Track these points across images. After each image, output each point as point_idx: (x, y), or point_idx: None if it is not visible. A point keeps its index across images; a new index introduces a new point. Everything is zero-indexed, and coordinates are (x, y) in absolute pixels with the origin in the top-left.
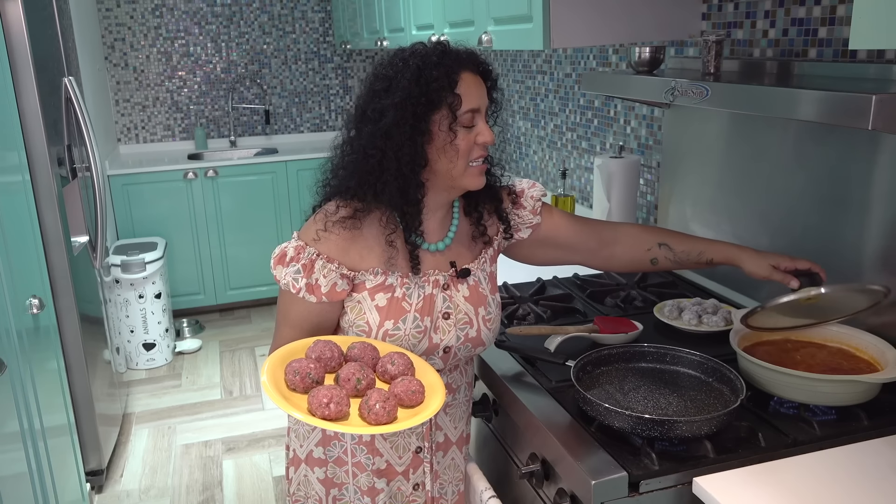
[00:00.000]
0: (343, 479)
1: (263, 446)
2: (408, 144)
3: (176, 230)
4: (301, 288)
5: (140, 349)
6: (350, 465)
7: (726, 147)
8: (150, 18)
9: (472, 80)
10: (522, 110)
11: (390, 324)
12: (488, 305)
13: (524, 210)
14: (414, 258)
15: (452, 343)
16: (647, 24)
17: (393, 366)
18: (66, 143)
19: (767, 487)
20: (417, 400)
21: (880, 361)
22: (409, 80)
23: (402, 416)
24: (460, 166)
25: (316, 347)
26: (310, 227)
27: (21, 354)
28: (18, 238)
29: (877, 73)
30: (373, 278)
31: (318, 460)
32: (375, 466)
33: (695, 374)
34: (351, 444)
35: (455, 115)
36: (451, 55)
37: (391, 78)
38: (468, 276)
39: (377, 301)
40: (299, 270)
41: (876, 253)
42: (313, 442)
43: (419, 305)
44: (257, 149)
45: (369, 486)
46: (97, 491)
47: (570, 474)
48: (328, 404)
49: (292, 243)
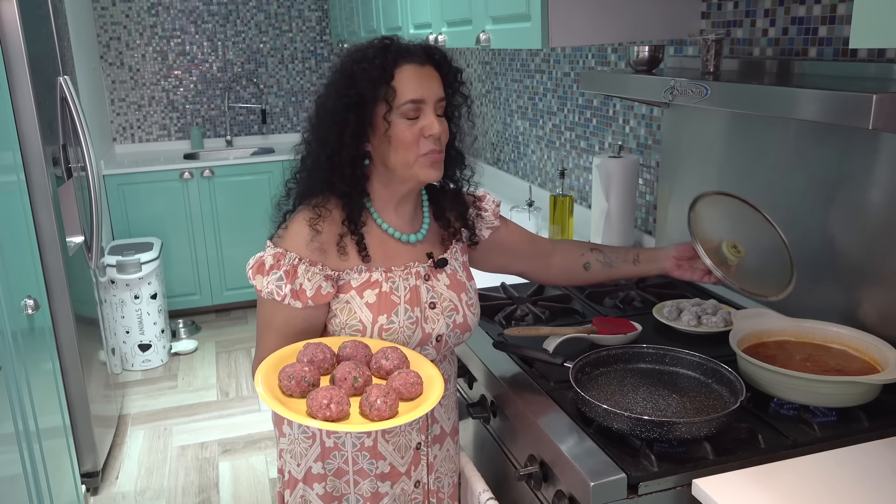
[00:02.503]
0: (343, 490)
1: (260, 448)
2: (341, 137)
3: (172, 230)
4: (286, 294)
5: (136, 350)
6: (351, 475)
7: (726, 147)
8: (145, 17)
9: (415, 72)
10: (521, 109)
11: (384, 318)
12: (468, 291)
13: (486, 213)
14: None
15: (443, 331)
16: (647, 22)
17: (387, 361)
18: (62, 143)
19: (767, 489)
20: (417, 392)
21: (880, 362)
22: (343, 77)
23: (402, 410)
24: (409, 158)
25: (307, 351)
26: (286, 232)
27: (16, 355)
28: (13, 238)
29: (877, 72)
30: (357, 276)
31: (317, 476)
32: (379, 471)
33: (694, 375)
34: (352, 451)
35: (390, 107)
36: (392, 49)
37: (331, 77)
38: (445, 266)
39: (366, 298)
40: (282, 277)
41: (876, 253)
42: (311, 458)
43: (407, 297)
44: (254, 148)
45: (373, 492)
46: (92, 493)
47: (569, 476)
48: (328, 405)
49: (269, 251)
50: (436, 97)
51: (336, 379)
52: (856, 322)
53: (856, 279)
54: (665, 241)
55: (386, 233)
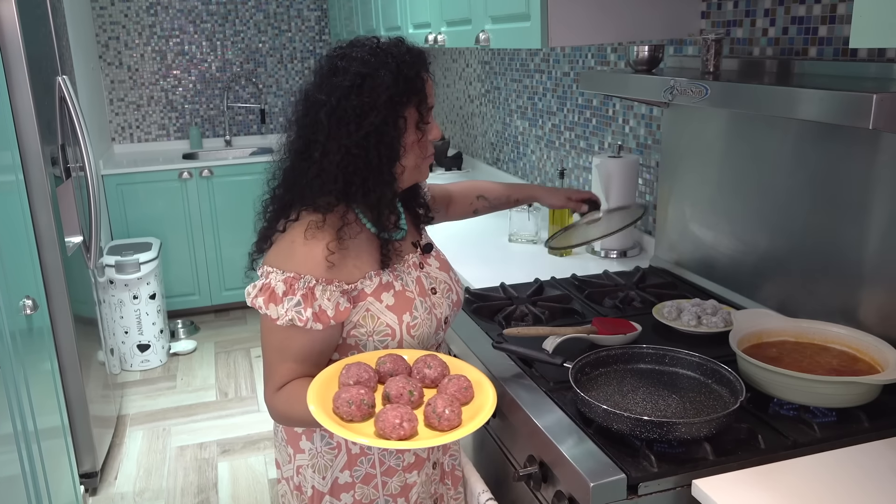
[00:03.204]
0: (372, 495)
1: (259, 448)
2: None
3: (171, 230)
4: (308, 319)
5: (134, 350)
6: (379, 477)
7: (726, 147)
8: (144, 17)
9: (428, 80)
10: (520, 109)
11: (408, 317)
12: (450, 267)
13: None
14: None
15: (447, 313)
16: (647, 22)
17: (430, 369)
18: (60, 143)
19: (767, 490)
20: (470, 396)
21: (881, 363)
22: (392, 78)
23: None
24: (420, 161)
25: (351, 372)
26: (292, 253)
27: (14, 356)
28: (11, 238)
29: (877, 71)
30: (370, 283)
31: (344, 486)
32: (406, 462)
33: (694, 375)
34: (379, 453)
35: (422, 114)
36: (416, 54)
37: (366, 76)
38: (432, 250)
39: (385, 301)
40: (300, 302)
41: (876, 253)
42: (338, 468)
43: (417, 289)
44: (253, 148)
45: (402, 486)
46: (91, 493)
47: (568, 476)
48: (401, 424)
49: (277, 276)
50: None
51: (392, 396)
52: (856, 322)
53: (856, 279)
54: (664, 241)
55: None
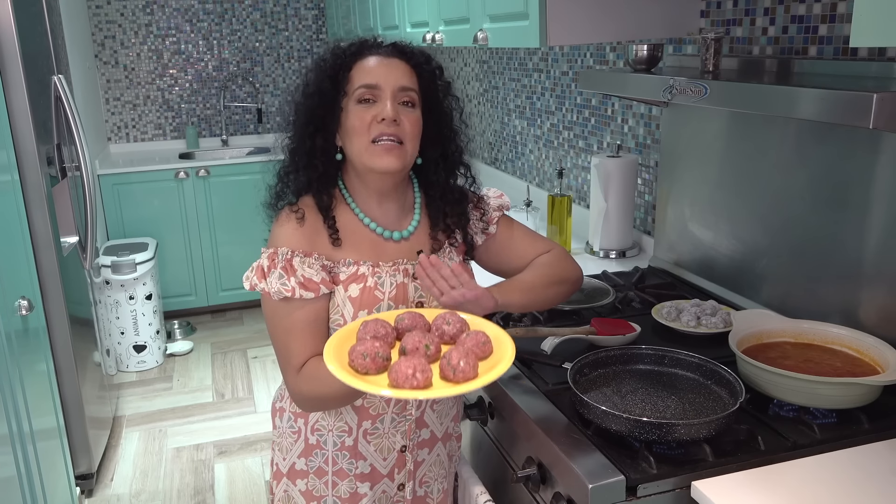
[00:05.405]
0: (322, 491)
1: (255, 450)
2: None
3: (167, 230)
4: (294, 287)
5: (130, 351)
6: (330, 476)
7: (725, 146)
8: (140, 16)
9: (374, 61)
10: (518, 109)
11: (364, 314)
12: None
13: (483, 217)
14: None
15: None
16: (646, 21)
17: (449, 326)
18: (56, 143)
19: (767, 491)
20: (489, 350)
21: (881, 363)
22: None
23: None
24: (361, 145)
25: (368, 328)
26: (272, 233)
27: (10, 356)
28: (7, 238)
29: (878, 70)
30: (346, 269)
31: (300, 472)
32: (359, 471)
33: (693, 376)
34: (332, 451)
35: (346, 94)
36: (357, 45)
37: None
38: None
39: (350, 292)
40: (281, 275)
41: (876, 253)
42: (295, 454)
43: (392, 294)
44: (249, 148)
45: (351, 493)
46: (87, 495)
47: (567, 478)
48: (414, 374)
49: (263, 255)
50: (396, 85)
51: (408, 349)
52: (856, 323)
53: (856, 279)
54: (664, 241)
55: (368, 227)
